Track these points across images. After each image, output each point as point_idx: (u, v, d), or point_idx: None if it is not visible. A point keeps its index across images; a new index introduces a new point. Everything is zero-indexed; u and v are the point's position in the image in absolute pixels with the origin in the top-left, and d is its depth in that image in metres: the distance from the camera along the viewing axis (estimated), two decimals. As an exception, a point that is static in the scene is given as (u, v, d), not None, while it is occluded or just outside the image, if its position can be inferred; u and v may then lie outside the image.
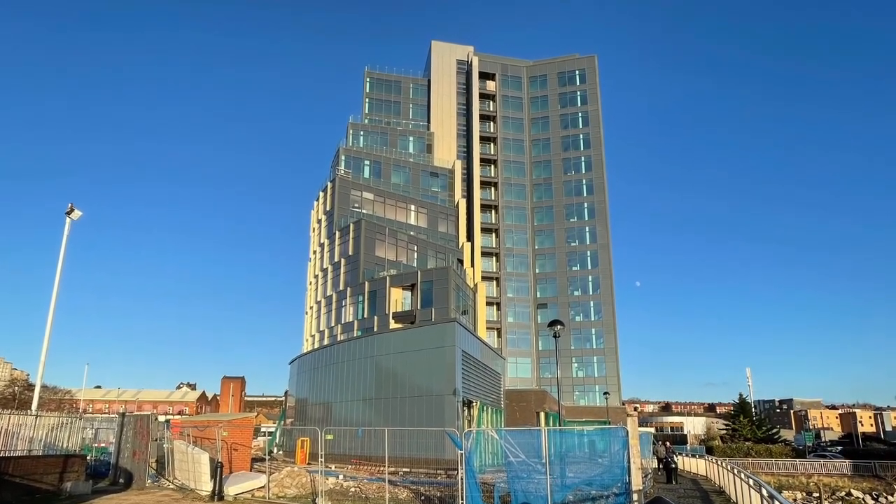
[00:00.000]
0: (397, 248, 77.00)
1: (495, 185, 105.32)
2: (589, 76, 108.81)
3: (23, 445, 24.66)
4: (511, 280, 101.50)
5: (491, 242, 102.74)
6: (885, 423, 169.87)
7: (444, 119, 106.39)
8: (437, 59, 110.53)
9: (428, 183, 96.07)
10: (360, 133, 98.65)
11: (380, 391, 49.89)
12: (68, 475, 25.13)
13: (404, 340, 51.14)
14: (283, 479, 27.58)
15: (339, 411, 54.15)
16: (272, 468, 29.75)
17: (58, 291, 30.01)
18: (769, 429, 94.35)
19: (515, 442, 20.94)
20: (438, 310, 65.53)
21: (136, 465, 28.17)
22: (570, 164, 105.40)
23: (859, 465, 65.86)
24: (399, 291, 69.41)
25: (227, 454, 29.95)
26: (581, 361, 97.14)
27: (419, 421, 44.24)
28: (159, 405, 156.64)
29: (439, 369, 46.37)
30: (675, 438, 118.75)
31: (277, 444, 65.77)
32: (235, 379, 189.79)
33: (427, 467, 38.91)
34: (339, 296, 74.39)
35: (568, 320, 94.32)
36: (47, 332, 29.19)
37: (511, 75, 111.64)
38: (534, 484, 19.89)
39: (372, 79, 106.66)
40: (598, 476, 20.22)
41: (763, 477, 49.54)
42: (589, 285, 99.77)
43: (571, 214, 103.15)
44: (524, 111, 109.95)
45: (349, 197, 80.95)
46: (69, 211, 30.66)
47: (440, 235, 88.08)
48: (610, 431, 22.10)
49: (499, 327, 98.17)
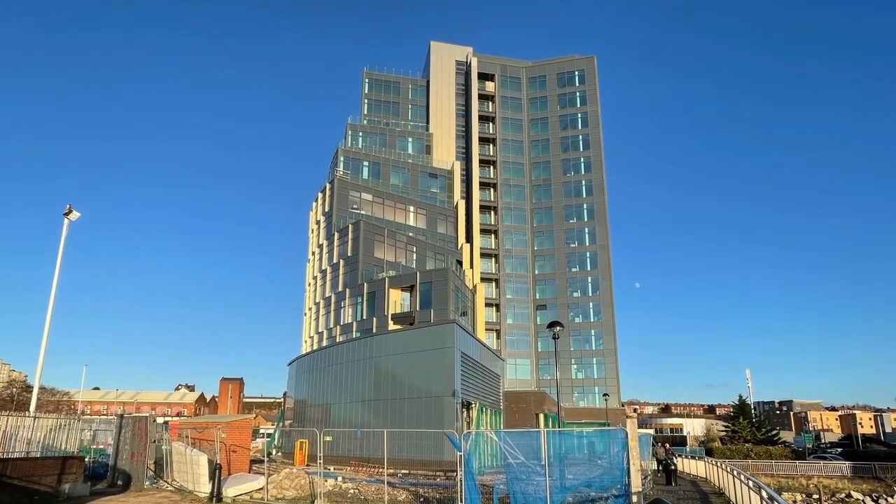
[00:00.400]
0: (396, 250, 76.99)
1: (494, 186, 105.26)
2: (588, 77, 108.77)
3: (21, 447, 24.60)
4: (510, 281, 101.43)
5: (490, 244, 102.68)
6: (885, 424, 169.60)
7: (444, 120, 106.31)
8: (436, 60, 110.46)
9: (427, 184, 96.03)
10: (358, 134, 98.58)
11: (379, 393, 49.81)
12: (66, 477, 25.07)
13: (403, 342, 51.09)
14: (281, 481, 27.52)
15: (337, 413, 54.07)
16: (271, 470, 29.68)
17: (56, 292, 29.94)
18: (769, 430, 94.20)
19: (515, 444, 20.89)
20: (437, 311, 65.51)
21: (135, 467, 28.12)
22: (570, 164, 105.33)
23: (859, 466, 65.66)
24: (398, 293, 69.38)
25: (226, 456, 29.91)
26: (580, 363, 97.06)
27: (418, 422, 44.16)
28: (158, 407, 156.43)
29: (438, 371, 46.32)
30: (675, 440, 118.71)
31: (276, 445, 65.69)
32: (234, 380, 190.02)
33: (426, 469, 38.85)
34: (338, 297, 74.36)
35: (567, 322, 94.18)
36: (45, 333, 29.11)
37: (510, 76, 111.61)
38: (533, 486, 19.85)
39: (371, 79, 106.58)
40: (597, 478, 20.16)
41: (763, 479, 49.45)
42: (588, 286, 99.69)
43: (571, 215, 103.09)
44: (523, 112, 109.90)
45: (348, 198, 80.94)
46: (67, 212, 30.60)
47: (439, 237, 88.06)
48: (609, 433, 22.06)
49: (498, 329, 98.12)
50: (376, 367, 50.84)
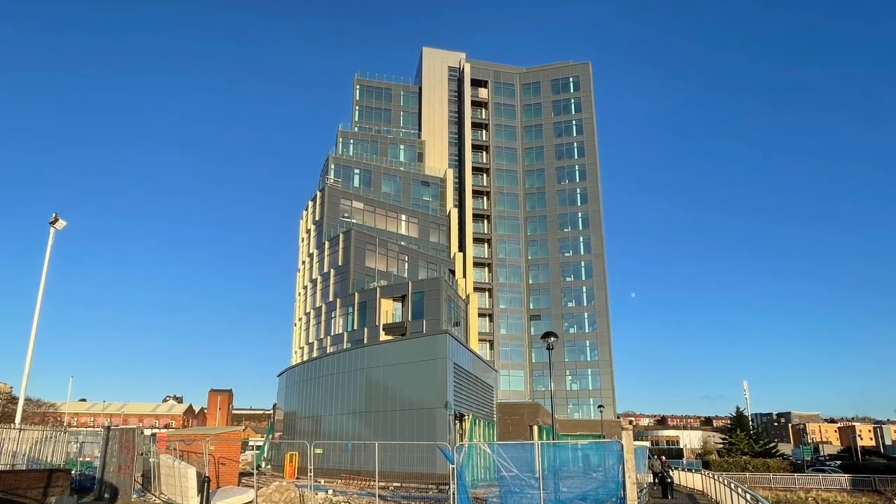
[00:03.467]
0: (388, 259, 76.59)
1: (488, 194, 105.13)
2: (583, 83, 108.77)
3: (5, 460, 24.45)
4: (504, 291, 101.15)
5: (483, 253, 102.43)
6: (885, 436, 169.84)
7: (436, 127, 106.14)
8: (429, 66, 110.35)
9: (419, 192, 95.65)
10: (349, 141, 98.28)
11: (370, 404, 49.42)
12: (52, 490, 24.80)
13: (395, 353, 50.78)
14: (271, 494, 27.10)
15: (328, 425, 53.61)
16: (260, 483, 29.29)
17: (42, 302, 29.53)
18: (767, 442, 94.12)
19: (508, 456, 20.70)
20: (430, 321, 65.10)
21: (122, 480, 27.79)
22: (564, 172, 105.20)
23: (858, 479, 65.48)
24: (390, 303, 68.96)
25: (215, 468, 29.58)
26: (575, 374, 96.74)
27: (410, 435, 43.76)
28: (145, 418, 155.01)
29: (430, 382, 45.95)
30: (671, 452, 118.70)
31: (266, 458, 65.17)
32: (223, 392, 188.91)
33: (418, 482, 38.50)
34: (329, 307, 73.87)
35: (562, 332, 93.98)
36: (31, 343, 28.75)
37: (504, 82, 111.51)
38: (527, 499, 19.69)
39: (362, 86, 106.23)
40: (592, 491, 19.99)
41: (760, 492, 49.19)
42: (583, 296, 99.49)
43: (565, 224, 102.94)
44: (517, 119, 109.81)
45: (339, 206, 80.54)
46: (53, 220, 30.23)
47: (431, 245, 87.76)
48: (604, 445, 21.85)
49: (491, 339, 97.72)
50: (367, 378, 50.46)
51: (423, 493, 34.07)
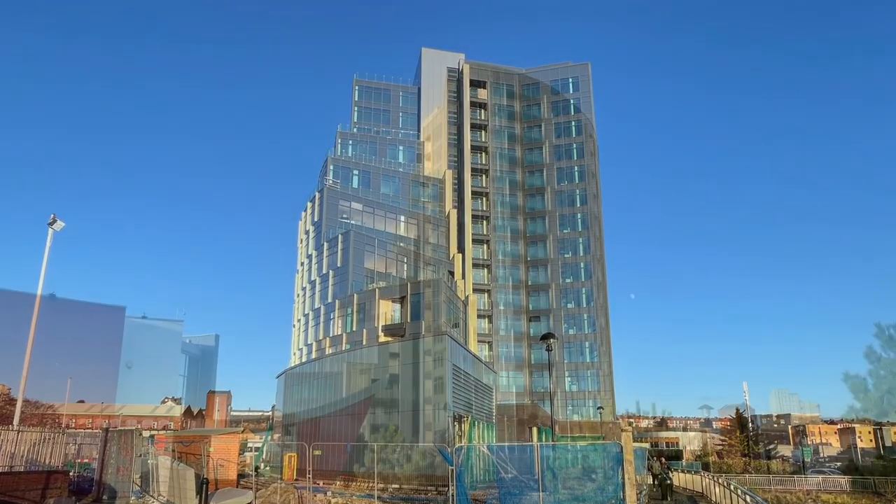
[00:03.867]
0: (386, 260, 76.54)
1: (486, 195, 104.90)
2: (582, 84, 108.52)
3: (4, 461, 24.39)
4: (503, 292, 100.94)
5: (482, 254, 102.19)
6: (885, 438, 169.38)
7: (435, 128, 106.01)
8: (428, 67, 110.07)
9: (418, 193, 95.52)
10: (348, 142, 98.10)
11: (369, 406, 49.31)
12: (51, 492, 24.78)
13: (394, 354, 50.68)
14: (270, 496, 27.06)
15: (327, 426, 53.50)
16: (259, 484, 29.20)
17: (40, 303, 29.44)
18: (766, 444, 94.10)
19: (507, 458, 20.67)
20: (429, 323, 65.02)
21: (121, 482, 27.74)
22: (564, 173, 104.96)
23: (858, 481, 65.29)
24: (388, 304, 68.84)
25: (213, 470, 29.46)
26: (574, 375, 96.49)
27: (409, 436, 43.68)
28: (143, 420, 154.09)
29: (429, 383, 45.88)
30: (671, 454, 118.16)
31: (264, 459, 65.11)
32: (221, 393, 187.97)
33: (417, 484, 38.37)
34: (328, 308, 73.75)
35: (561, 333, 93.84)
36: (29, 345, 28.64)
37: (503, 83, 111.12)
38: (526, 500, 19.62)
39: (361, 87, 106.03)
40: (591, 492, 19.95)
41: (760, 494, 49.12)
42: (582, 297, 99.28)
43: (565, 225, 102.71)
44: (516, 120, 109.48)
45: (337, 207, 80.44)
46: (51, 222, 30.18)
47: (430, 247, 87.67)
48: (604, 447, 21.82)
49: (490, 340, 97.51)
50: (367, 380, 50.37)
51: (422, 494, 33.97)
